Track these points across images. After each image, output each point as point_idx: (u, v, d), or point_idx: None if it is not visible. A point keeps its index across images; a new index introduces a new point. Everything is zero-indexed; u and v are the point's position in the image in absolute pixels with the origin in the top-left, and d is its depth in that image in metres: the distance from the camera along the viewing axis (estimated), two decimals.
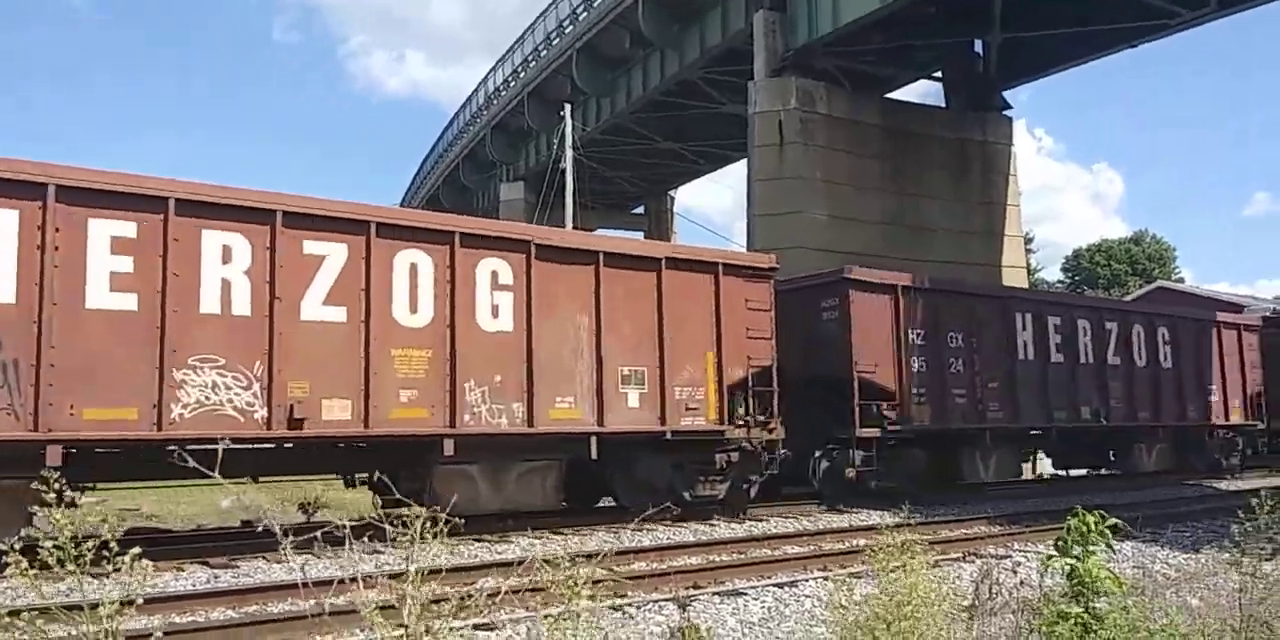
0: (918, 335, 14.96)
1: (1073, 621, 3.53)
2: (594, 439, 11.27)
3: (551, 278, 11.18)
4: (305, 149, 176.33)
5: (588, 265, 11.53)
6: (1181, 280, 56.75)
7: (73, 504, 2.72)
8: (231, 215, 9.20)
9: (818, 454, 14.26)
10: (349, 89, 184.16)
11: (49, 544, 2.63)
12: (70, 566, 2.60)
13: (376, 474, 10.54)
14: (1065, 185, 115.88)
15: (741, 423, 12.66)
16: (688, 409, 12.08)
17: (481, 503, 10.62)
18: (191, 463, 3.27)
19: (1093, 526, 3.78)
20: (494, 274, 10.85)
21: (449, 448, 10.13)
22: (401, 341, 10.03)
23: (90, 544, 2.68)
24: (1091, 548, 3.79)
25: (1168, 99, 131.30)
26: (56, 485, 2.71)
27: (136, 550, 2.71)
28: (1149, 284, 49.77)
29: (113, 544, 2.72)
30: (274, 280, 9.31)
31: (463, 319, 10.45)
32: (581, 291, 11.41)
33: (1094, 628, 3.54)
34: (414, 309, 10.19)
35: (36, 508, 7.67)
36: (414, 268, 10.22)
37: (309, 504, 11.98)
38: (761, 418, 12.82)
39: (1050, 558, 4.00)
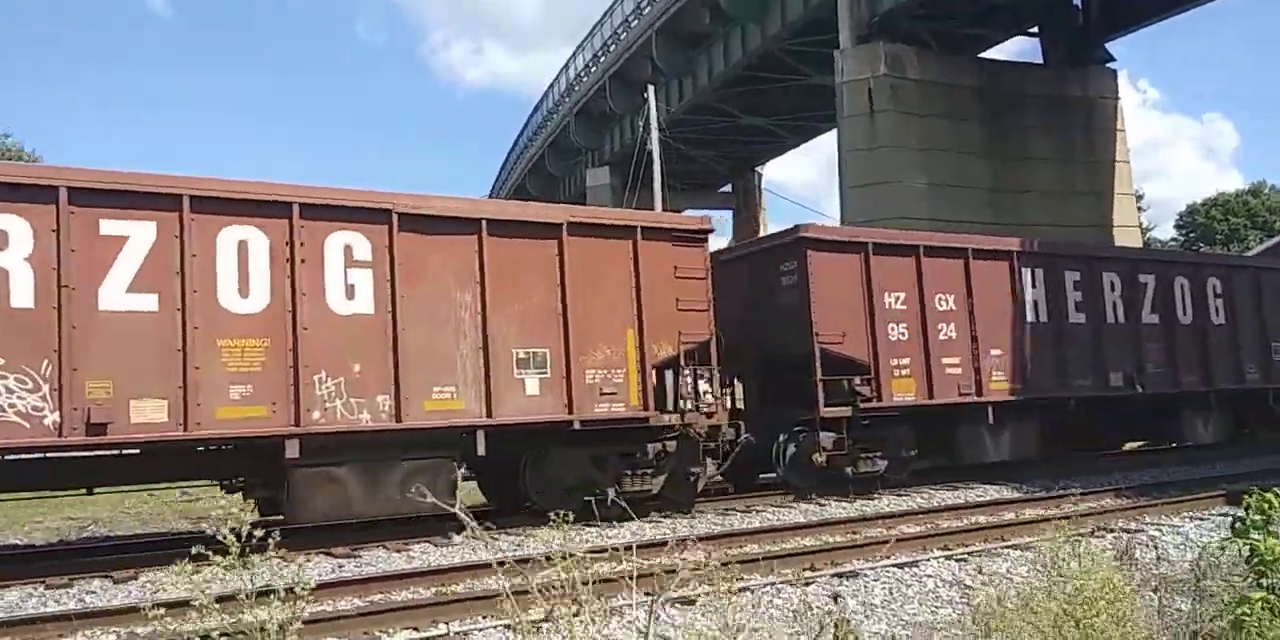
0: (896, 299, 13.18)
1: (1259, 603, 3.22)
2: (481, 433, 9.88)
3: (423, 251, 9.83)
4: (398, 144, 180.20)
5: (469, 235, 10.10)
6: None
7: None
8: (7, 195, 8.19)
9: (782, 438, 12.59)
10: (433, 84, 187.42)
11: None
12: None
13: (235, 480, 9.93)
14: (1173, 138, 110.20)
15: (674, 408, 11.12)
16: (603, 394, 10.57)
17: (355, 508, 9.54)
18: None
19: (1275, 505, 3.45)
20: (348, 249, 9.53)
21: (293, 449, 8.99)
22: (230, 330, 8.87)
23: None
24: (1273, 528, 3.46)
25: (1273, 41, 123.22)
26: None
27: None
28: (1270, 237, 46.93)
29: None
30: (61, 266, 8.25)
31: (309, 302, 9.22)
32: (462, 265, 10.02)
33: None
34: (245, 293, 8.99)
35: None
36: (243, 245, 9.03)
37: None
38: (700, 401, 11.26)
39: (1228, 538, 3.68)
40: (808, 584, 7.43)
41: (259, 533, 3.29)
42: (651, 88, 28.44)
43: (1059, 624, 3.00)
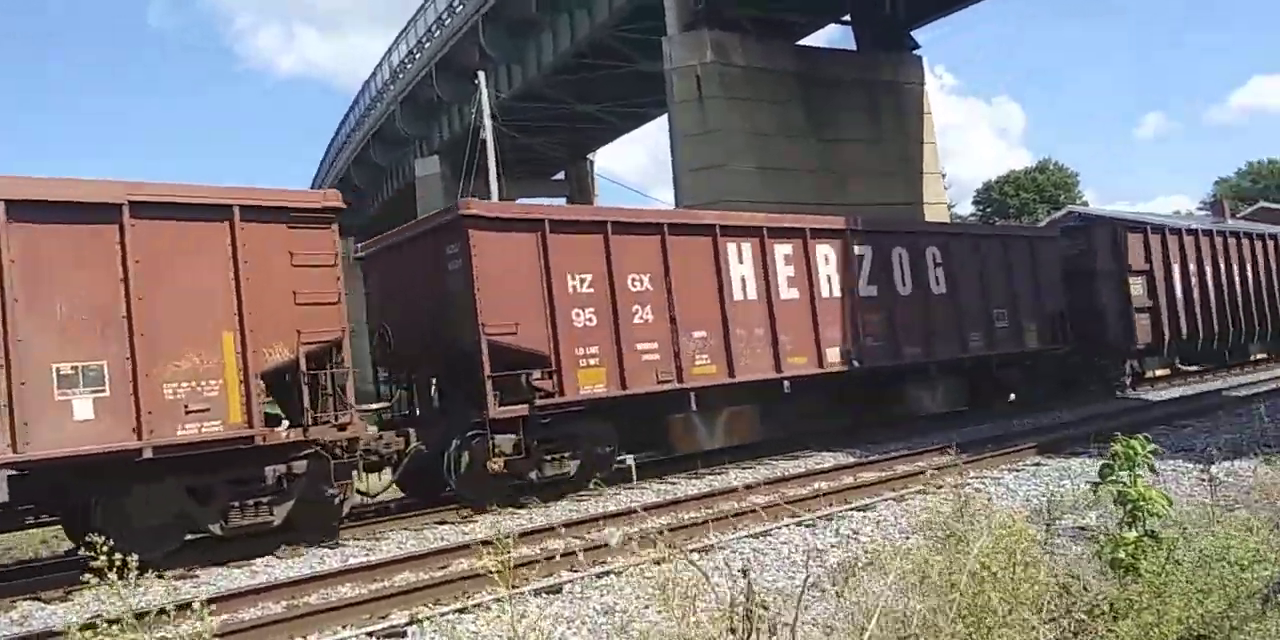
0: (582, 281, 11.83)
1: (1133, 545, 3.52)
2: (2, 473, 8.12)
3: None
4: (205, 143, 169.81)
5: None
6: (1086, 204, 58.52)
7: None
8: None
9: (455, 444, 10.96)
10: (243, 73, 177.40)
11: None
12: None
13: None
14: (969, 121, 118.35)
15: (293, 422, 9.55)
16: (190, 412, 8.68)
17: None
18: None
19: (1139, 450, 3.78)
20: None
21: None
22: None
23: None
24: (1138, 471, 3.78)
25: (1050, 26, 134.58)
26: None
27: None
28: (1057, 210, 51.19)
29: None
30: None
31: None
32: None
33: (1152, 549, 3.52)
34: None
35: None
36: None
37: None
38: (328, 411, 9.57)
39: (1098, 484, 4.01)
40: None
41: None
42: (482, 74, 27.99)
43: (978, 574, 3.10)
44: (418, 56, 40.40)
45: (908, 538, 7.19)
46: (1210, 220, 40.23)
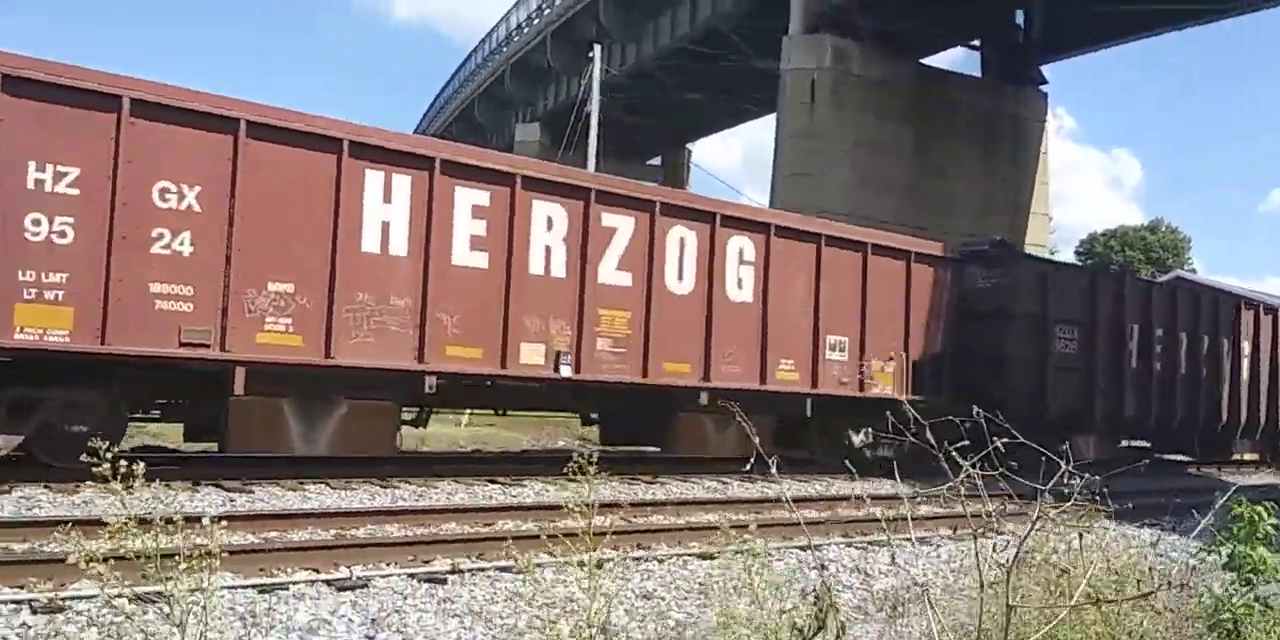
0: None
1: (1241, 610, 3.37)
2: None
3: None
4: (304, 74, 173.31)
5: None
6: (1194, 271, 56.61)
7: None
8: None
9: None
10: (355, 13, 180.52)
11: None
12: None
13: None
14: (1081, 167, 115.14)
15: None
16: None
17: None
18: None
19: (1264, 517, 3.62)
20: None
21: None
22: None
23: None
24: (1255, 539, 3.63)
25: (1191, 88, 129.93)
26: None
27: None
28: (1164, 273, 49.60)
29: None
30: None
31: None
32: None
33: (1269, 617, 3.37)
34: None
35: None
36: None
37: None
38: None
39: (1209, 546, 3.86)
40: None
41: None
42: (597, 48, 28.01)
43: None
44: (535, 21, 40.61)
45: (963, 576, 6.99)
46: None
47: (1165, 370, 18.02)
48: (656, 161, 49.76)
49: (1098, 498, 4.66)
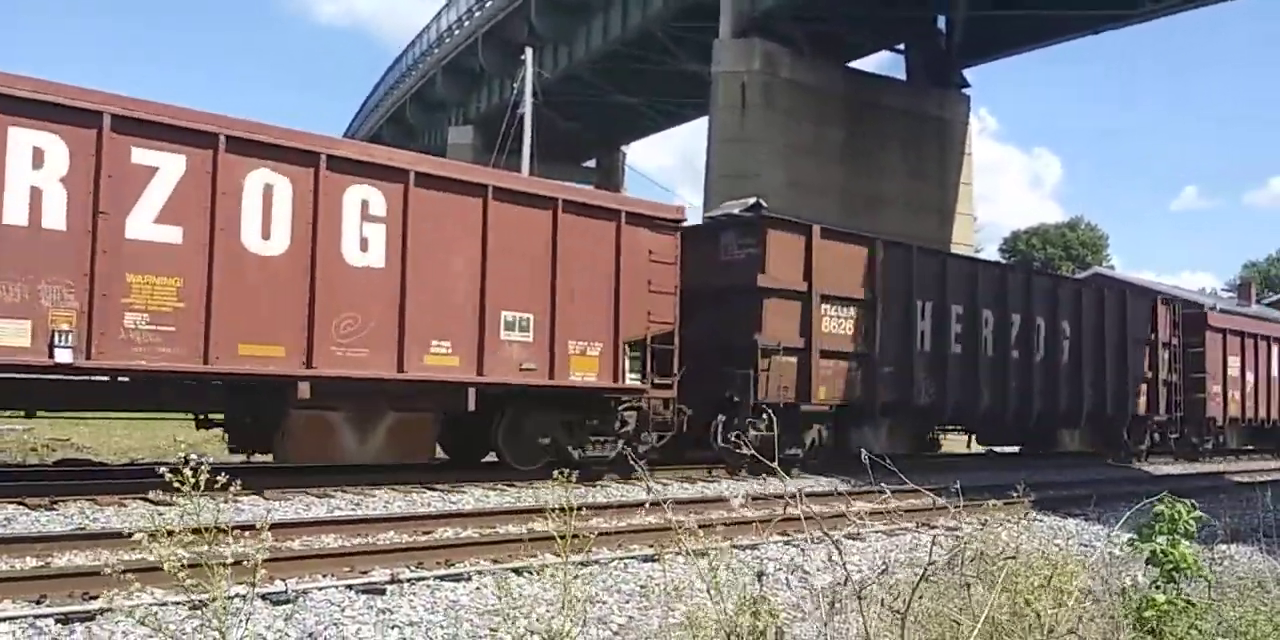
0: None
1: (1163, 607, 3.48)
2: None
3: None
4: (225, 76, 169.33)
5: None
6: (1113, 268, 58.59)
7: None
8: None
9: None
10: (277, 13, 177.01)
11: None
12: None
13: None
14: (1004, 166, 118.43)
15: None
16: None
17: None
18: None
19: (1184, 515, 3.75)
20: None
21: None
22: None
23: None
24: (1177, 536, 3.76)
25: (1108, 90, 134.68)
26: None
27: None
28: (1083, 270, 51.27)
29: None
30: None
31: None
32: None
33: (1191, 613, 3.49)
34: None
35: None
36: None
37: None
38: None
39: (1133, 541, 3.98)
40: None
41: None
42: (529, 50, 27.92)
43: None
44: (466, 23, 40.33)
45: (894, 574, 7.15)
46: (1235, 302, 40.28)
47: (969, 354, 16.37)
48: (592, 164, 49.77)
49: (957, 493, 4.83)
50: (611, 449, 12.01)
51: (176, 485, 2.17)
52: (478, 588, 6.41)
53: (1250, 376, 23.59)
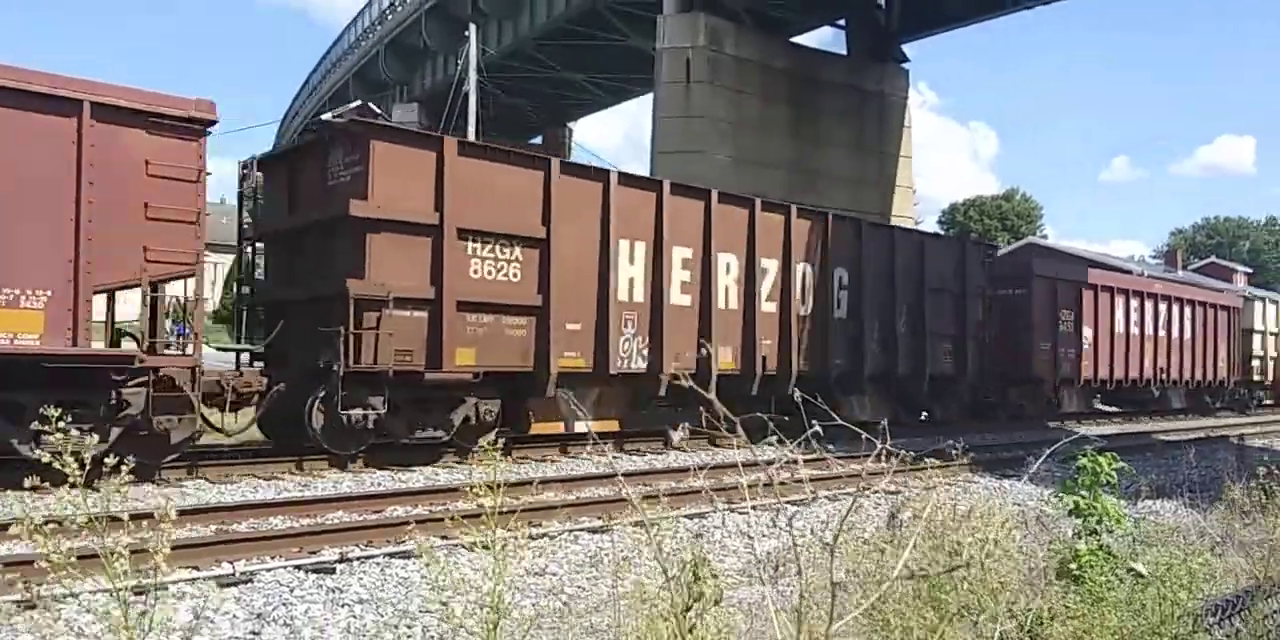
0: None
1: (1086, 557, 3.64)
2: None
3: None
4: (164, 56, 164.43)
5: None
6: (1046, 237, 59.86)
7: None
8: None
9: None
10: None
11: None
12: None
13: None
14: (943, 140, 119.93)
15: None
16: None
17: None
18: None
19: (1104, 466, 3.92)
20: None
21: None
22: None
23: None
24: (1098, 488, 3.93)
25: (1043, 64, 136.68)
26: None
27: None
28: (1017, 239, 52.30)
29: None
30: None
31: None
32: None
33: (1111, 561, 3.65)
34: None
35: None
36: None
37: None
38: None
39: (1058, 493, 4.16)
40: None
41: None
42: (473, 27, 27.58)
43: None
44: (409, 0, 39.63)
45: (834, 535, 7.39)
46: (1162, 268, 41.41)
47: (705, 306, 13.94)
48: (538, 141, 49.38)
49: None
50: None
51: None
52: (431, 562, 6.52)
53: (1089, 332, 22.23)
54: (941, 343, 18.39)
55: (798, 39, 31.84)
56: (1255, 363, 29.72)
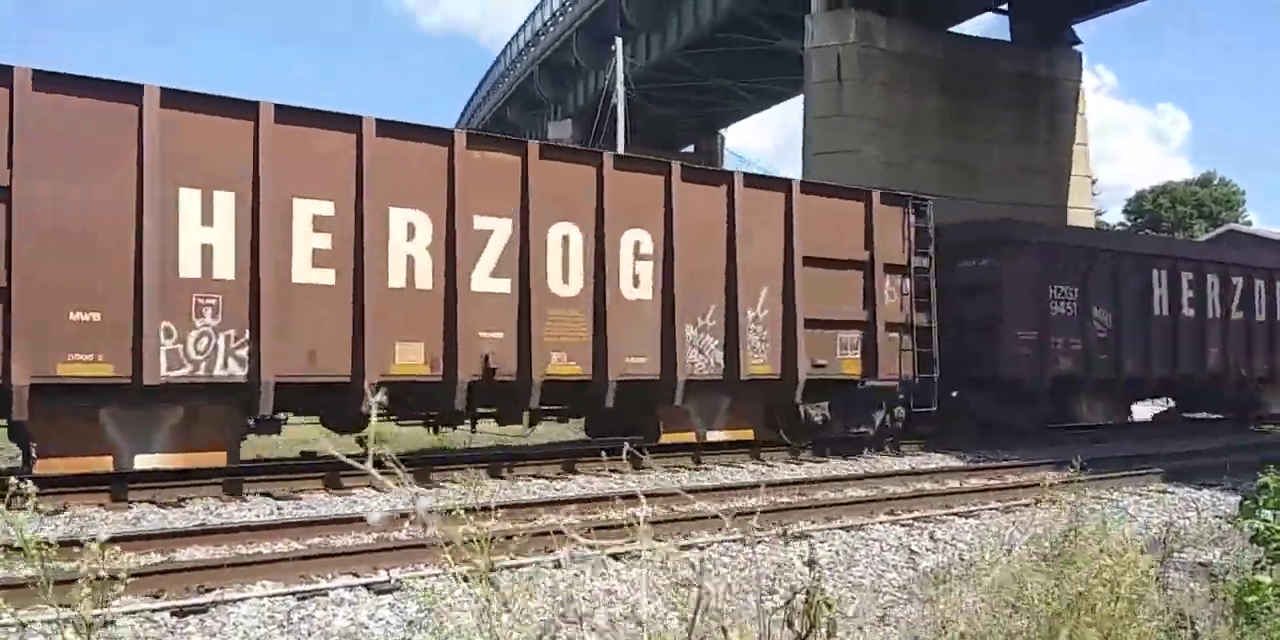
0: None
1: (1269, 588, 3.18)
2: None
3: None
4: (346, 85, 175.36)
5: None
6: (1249, 224, 54.77)
7: None
8: None
9: None
10: (384, 18, 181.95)
11: None
12: None
13: None
14: (1126, 125, 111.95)
15: None
16: None
17: None
18: None
19: None
20: None
21: None
22: None
23: None
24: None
25: (1239, 34, 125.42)
26: None
27: None
28: (1216, 227, 48.13)
29: None
30: None
31: None
32: None
33: None
34: None
35: None
36: None
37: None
38: None
39: (1236, 518, 3.69)
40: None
41: None
42: (619, 40, 27.95)
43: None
44: (560, 19, 40.67)
45: (1009, 551, 6.89)
46: None
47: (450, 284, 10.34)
48: (690, 150, 49.52)
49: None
50: None
51: None
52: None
53: (1107, 315, 17.11)
54: (837, 334, 13.26)
55: (958, 28, 30.56)
56: None
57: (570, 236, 11.12)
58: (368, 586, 5.98)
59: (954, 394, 15.40)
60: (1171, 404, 20.76)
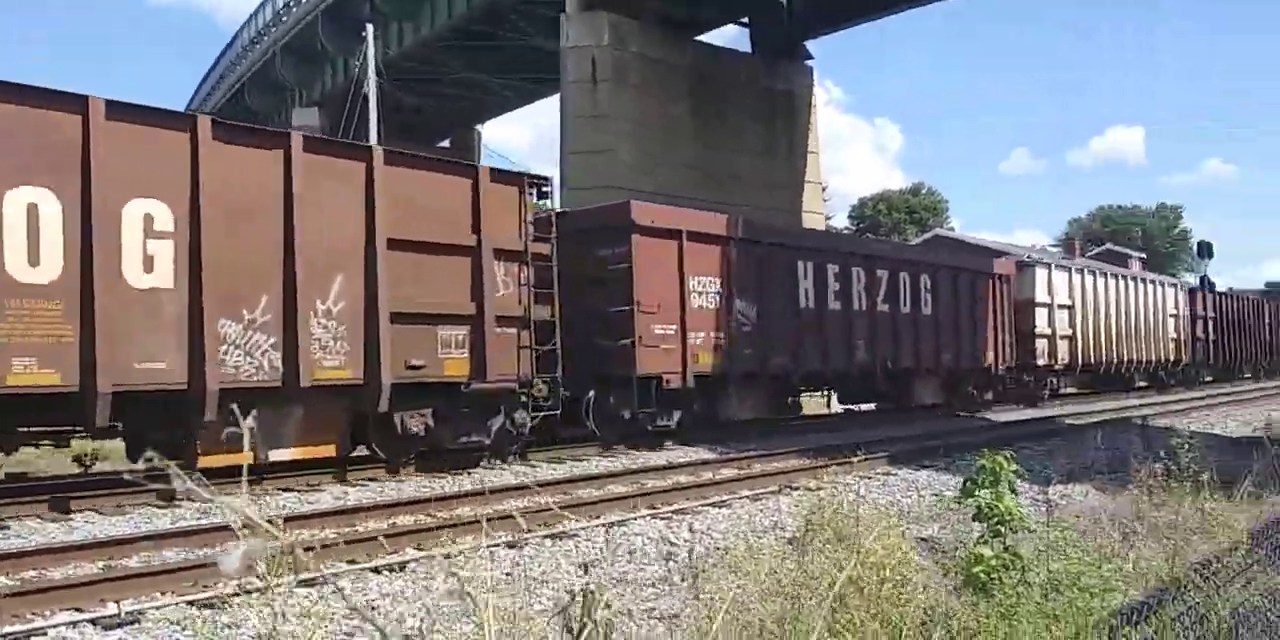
0: None
1: (991, 563, 3.53)
2: None
3: None
4: (52, 57, 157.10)
5: None
6: (953, 230, 61.53)
7: None
8: None
9: None
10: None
11: None
12: None
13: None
14: (850, 137, 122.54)
15: None
16: None
17: None
18: None
19: (1004, 466, 3.84)
20: None
21: None
22: None
23: None
24: (1000, 488, 3.84)
25: (943, 59, 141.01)
26: None
27: None
28: (925, 232, 53.69)
29: None
30: None
31: None
32: None
33: (1018, 566, 3.55)
34: None
35: None
36: None
37: (84, 456, 10.90)
38: None
39: (959, 498, 4.06)
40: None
41: None
42: (370, 27, 26.90)
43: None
44: (304, 0, 38.52)
45: (760, 537, 7.32)
46: (1062, 257, 42.77)
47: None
48: (446, 144, 48.59)
49: None
50: None
51: None
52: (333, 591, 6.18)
53: (750, 307, 15.57)
54: (436, 330, 11.14)
55: (704, 37, 32.00)
56: (1040, 343, 23.39)
57: (41, 206, 8.29)
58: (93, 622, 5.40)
59: (591, 394, 13.65)
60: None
